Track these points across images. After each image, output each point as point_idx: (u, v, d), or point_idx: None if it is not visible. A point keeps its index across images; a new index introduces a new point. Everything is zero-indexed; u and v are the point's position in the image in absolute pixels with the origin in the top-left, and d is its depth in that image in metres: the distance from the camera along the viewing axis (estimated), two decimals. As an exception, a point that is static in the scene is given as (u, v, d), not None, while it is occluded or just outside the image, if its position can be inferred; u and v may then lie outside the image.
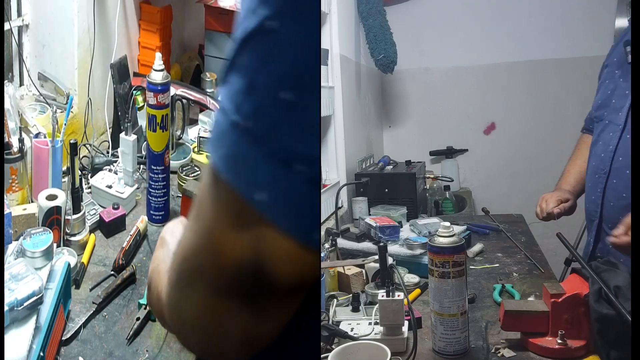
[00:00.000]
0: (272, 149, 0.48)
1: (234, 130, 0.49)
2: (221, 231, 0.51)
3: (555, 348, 1.19)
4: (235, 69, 0.51)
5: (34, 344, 1.05)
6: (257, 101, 0.48)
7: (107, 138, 1.91)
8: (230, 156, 0.50)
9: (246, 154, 0.49)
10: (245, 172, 0.49)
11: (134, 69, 2.12)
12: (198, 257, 0.54)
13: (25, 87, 1.88)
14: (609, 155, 1.52)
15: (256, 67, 0.49)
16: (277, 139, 0.48)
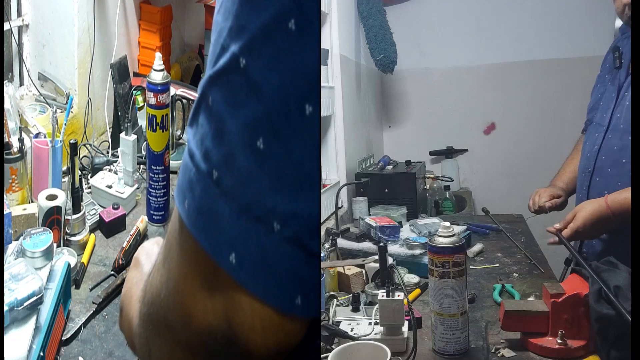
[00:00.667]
0: (243, 204, 0.43)
1: (202, 180, 0.44)
2: (190, 291, 0.46)
3: (555, 348, 1.19)
4: (203, 109, 0.45)
5: (34, 344, 1.05)
6: (227, 149, 0.43)
7: (107, 138, 1.91)
8: (197, 208, 0.45)
9: (215, 208, 0.44)
10: (214, 228, 0.44)
11: (134, 69, 2.12)
12: (165, 310, 0.49)
13: (25, 87, 1.88)
14: (593, 154, 1.59)
15: (226, 110, 0.43)
16: (249, 192, 0.43)
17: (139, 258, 0.73)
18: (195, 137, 0.46)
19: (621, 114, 1.53)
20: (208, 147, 0.44)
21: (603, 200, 1.45)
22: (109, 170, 1.74)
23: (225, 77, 0.44)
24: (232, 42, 0.43)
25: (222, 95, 0.44)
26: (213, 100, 0.44)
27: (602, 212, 1.45)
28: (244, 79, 0.43)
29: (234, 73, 0.43)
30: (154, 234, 1.60)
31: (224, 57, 0.44)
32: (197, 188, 0.45)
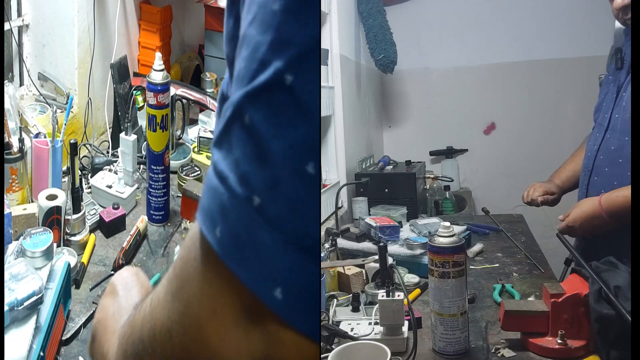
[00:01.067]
0: (291, 234, 0.39)
1: (239, 206, 0.40)
2: (219, 328, 0.42)
3: (555, 348, 1.19)
4: (237, 128, 0.41)
5: (34, 344, 1.05)
6: (271, 173, 0.39)
7: (107, 138, 1.91)
8: (234, 237, 0.40)
9: (256, 237, 0.39)
10: (255, 260, 0.40)
11: (134, 69, 2.12)
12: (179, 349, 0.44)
13: (25, 87, 1.88)
14: (593, 154, 1.62)
15: (269, 130, 0.39)
16: (298, 221, 0.39)
17: (116, 286, 0.69)
18: (227, 159, 0.42)
19: (619, 115, 1.55)
20: (246, 171, 0.40)
21: (597, 200, 1.50)
22: (109, 170, 1.74)
23: (267, 95, 0.40)
24: (274, 57, 0.39)
25: (263, 114, 0.40)
26: (252, 119, 0.40)
27: (595, 210, 1.50)
28: (290, 97, 0.39)
29: (278, 90, 0.39)
30: (154, 234, 1.60)
31: (264, 73, 0.40)
32: (232, 214, 0.40)
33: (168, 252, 1.54)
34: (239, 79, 0.42)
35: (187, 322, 0.43)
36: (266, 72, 0.40)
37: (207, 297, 0.42)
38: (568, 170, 1.89)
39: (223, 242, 0.41)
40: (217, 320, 0.42)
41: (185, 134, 2.01)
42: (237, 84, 0.42)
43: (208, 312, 0.42)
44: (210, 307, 0.42)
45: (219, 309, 0.42)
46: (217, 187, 0.42)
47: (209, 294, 0.42)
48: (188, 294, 0.44)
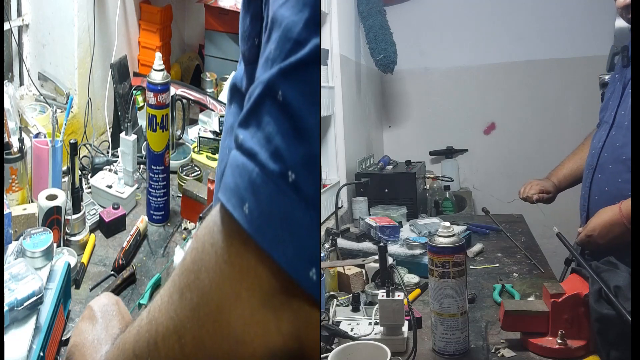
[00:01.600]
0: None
1: (272, 182, 0.38)
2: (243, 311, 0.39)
3: (555, 348, 1.19)
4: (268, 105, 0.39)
5: (34, 344, 1.05)
6: (308, 149, 0.38)
7: (107, 138, 1.91)
8: (267, 214, 0.38)
9: (291, 215, 0.38)
10: (290, 239, 0.38)
11: (134, 69, 2.12)
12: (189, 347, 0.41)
13: (25, 87, 1.88)
14: (597, 151, 1.61)
15: (305, 106, 0.38)
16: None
17: (95, 312, 0.67)
18: (255, 137, 0.40)
19: (625, 111, 1.55)
20: (280, 146, 0.38)
21: (617, 207, 1.46)
22: (109, 170, 1.74)
23: (304, 70, 0.38)
24: (312, 35, 0.39)
25: (299, 90, 0.38)
26: (285, 95, 0.39)
27: (615, 217, 1.45)
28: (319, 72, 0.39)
29: (314, 66, 0.38)
30: (154, 234, 1.60)
31: (301, 51, 0.39)
32: (265, 191, 0.38)
33: (168, 252, 1.54)
34: (268, 60, 0.41)
35: (204, 312, 0.41)
36: (303, 50, 0.39)
37: (229, 281, 0.40)
38: (566, 169, 1.90)
39: (253, 219, 0.39)
40: (242, 304, 0.39)
41: (185, 134, 2.01)
42: (266, 66, 0.41)
43: (231, 296, 0.40)
44: (233, 291, 0.40)
45: (244, 292, 0.39)
46: (245, 164, 0.40)
47: (232, 278, 0.40)
48: (203, 283, 0.41)
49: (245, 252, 0.39)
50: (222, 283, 0.40)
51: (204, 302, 0.41)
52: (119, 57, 1.94)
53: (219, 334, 0.40)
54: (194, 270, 0.42)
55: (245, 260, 0.39)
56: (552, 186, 1.89)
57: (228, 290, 0.40)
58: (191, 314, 0.42)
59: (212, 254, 0.41)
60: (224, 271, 0.40)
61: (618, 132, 1.56)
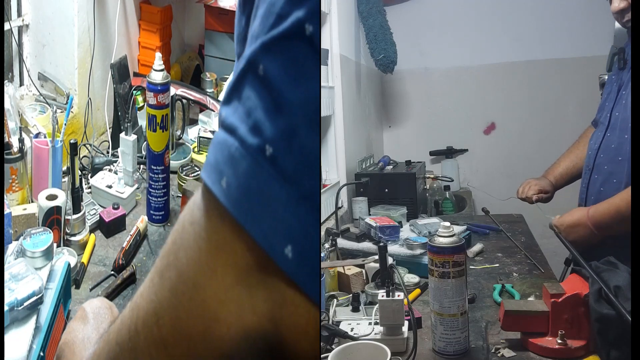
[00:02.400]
0: (305, 190, 0.37)
1: (250, 155, 0.38)
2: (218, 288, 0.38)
3: (555, 348, 1.19)
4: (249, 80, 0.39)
5: (34, 344, 1.05)
6: (286, 122, 0.37)
7: (107, 138, 1.91)
8: (243, 188, 0.38)
9: (267, 190, 0.37)
10: (266, 213, 0.37)
11: (134, 69, 2.12)
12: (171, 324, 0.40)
13: (25, 87, 1.88)
14: (594, 152, 1.64)
15: (285, 79, 0.37)
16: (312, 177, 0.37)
17: (87, 313, 0.67)
18: (236, 112, 0.39)
19: (619, 113, 1.57)
20: (259, 120, 0.38)
21: (586, 209, 1.52)
22: (109, 170, 1.74)
23: (285, 43, 0.38)
24: (293, 9, 0.38)
25: (280, 63, 0.38)
26: (266, 69, 0.38)
27: (582, 219, 1.52)
28: (309, 48, 0.37)
29: (297, 39, 0.37)
30: (154, 234, 1.60)
31: (282, 24, 0.38)
32: (242, 164, 0.38)
33: (168, 252, 1.53)
34: (253, 37, 0.40)
35: (181, 291, 0.40)
36: (285, 23, 0.38)
37: (205, 256, 0.39)
38: (562, 167, 1.92)
39: (230, 192, 0.38)
40: (217, 281, 0.39)
41: (185, 134, 2.01)
42: (251, 42, 0.40)
43: (207, 273, 0.39)
44: (209, 267, 0.39)
45: (220, 268, 0.39)
46: (225, 139, 0.39)
47: (208, 252, 0.39)
48: (181, 262, 0.41)
49: (222, 226, 0.39)
50: (199, 259, 0.39)
51: (182, 281, 0.40)
52: (119, 57, 1.94)
53: (194, 312, 0.39)
54: (173, 251, 0.42)
55: (222, 235, 0.39)
56: (549, 185, 1.91)
57: (204, 266, 0.39)
58: (169, 294, 0.41)
59: (191, 233, 0.41)
60: (201, 247, 0.39)
61: (613, 134, 1.58)
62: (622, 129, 1.53)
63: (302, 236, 0.37)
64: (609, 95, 1.67)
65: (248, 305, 0.38)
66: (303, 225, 0.37)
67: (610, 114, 1.60)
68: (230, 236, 0.38)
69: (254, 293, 0.38)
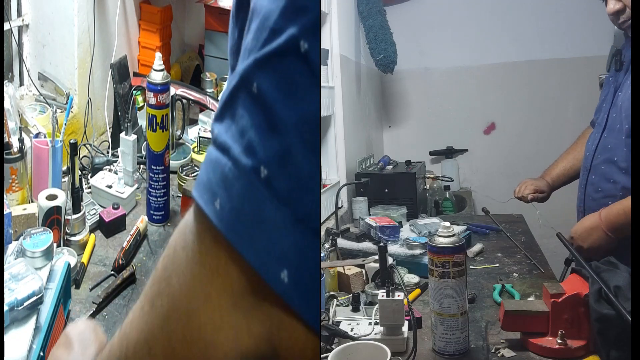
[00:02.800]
0: (300, 212, 0.36)
1: (244, 176, 0.37)
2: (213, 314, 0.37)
3: (555, 348, 1.19)
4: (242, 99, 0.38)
5: (34, 344, 1.05)
6: (281, 144, 0.36)
7: (107, 138, 1.91)
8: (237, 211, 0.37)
9: (262, 212, 0.36)
10: (261, 237, 0.36)
11: (134, 69, 2.12)
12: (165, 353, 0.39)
13: (25, 87, 1.88)
14: (591, 153, 1.65)
15: (279, 98, 0.36)
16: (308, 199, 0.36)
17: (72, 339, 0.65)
18: (229, 131, 0.38)
19: (616, 114, 1.58)
20: (253, 140, 0.37)
21: (598, 214, 1.50)
22: (109, 170, 1.74)
23: (278, 61, 0.37)
24: (288, 24, 0.36)
25: (274, 81, 0.37)
26: (260, 87, 0.37)
27: (594, 225, 1.50)
28: (304, 65, 0.36)
29: (292, 57, 0.36)
30: (154, 234, 1.60)
31: (276, 40, 0.37)
32: (236, 186, 0.37)
33: (168, 252, 1.54)
34: (246, 51, 0.39)
35: (174, 318, 0.38)
36: (279, 39, 0.37)
37: (199, 282, 0.38)
38: (559, 168, 1.95)
39: (224, 215, 0.37)
40: (212, 306, 0.37)
41: (185, 134, 2.01)
42: (244, 57, 0.39)
43: (201, 298, 0.38)
44: (203, 292, 0.38)
45: (214, 292, 0.37)
46: (218, 159, 0.38)
47: (202, 278, 0.38)
48: (174, 288, 0.39)
49: (215, 250, 0.37)
50: (192, 285, 0.38)
51: (174, 308, 0.39)
52: (119, 57, 1.94)
53: (189, 339, 0.38)
54: (164, 278, 0.40)
55: (216, 259, 0.37)
56: (546, 185, 1.94)
57: (198, 292, 0.38)
58: (161, 322, 0.40)
59: (183, 257, 0.39)
60: (194, 272, 0.38)
61: (610, 135, 1.59)
62: (619, 130, 1.54)
63: (298, 260, 0.36)
64: (606, 96, 1.68)
65: (245, 329, 0.37)
66: (299, 249, 0.36)
67: (608, 115, 1.61)
68: (224, 260, 0.37)
69: (250, 316, 0.37)
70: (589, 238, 1.53)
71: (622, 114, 1.53)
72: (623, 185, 1.52)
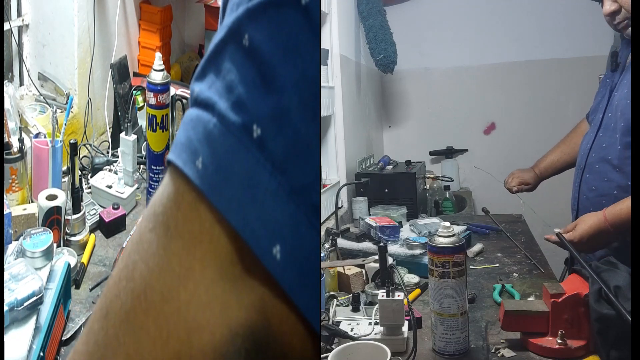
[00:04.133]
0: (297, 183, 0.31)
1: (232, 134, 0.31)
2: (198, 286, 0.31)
3: (555, 348, 1.19)
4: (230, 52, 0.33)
5: (34, 344, 1.05)
6: (278, 100, 0.31)
7: (107, 138, 1.91)
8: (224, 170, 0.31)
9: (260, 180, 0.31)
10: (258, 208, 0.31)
11: (134, 69, 2.12)
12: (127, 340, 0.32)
13: (25, 87, 1.88)
14: (586, 152, 1.66)
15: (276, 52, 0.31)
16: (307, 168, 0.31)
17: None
18: (213, 86, 0.33)
19: (611, 113, 1.59)
20: (243, 95, 0.31)
21: (602, 214, 1.47)
22: (109, 170, 1.74)
23: (276, 10, 0.31)
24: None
25: (269, 33, 0.31)
26: (252, 39, 0.32)
27: (601, 225, 1.47)
28: (305, 19, 0.31)
29: (289, 8, 0.31)
30: (154, 234, 1.59)
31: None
32: (223, 144, 0.31)
33: (168, 252, 1.54)
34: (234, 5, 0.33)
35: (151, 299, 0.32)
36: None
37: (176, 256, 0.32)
38: (547, 161, 2.04)
39: (207, 174, 0.31)
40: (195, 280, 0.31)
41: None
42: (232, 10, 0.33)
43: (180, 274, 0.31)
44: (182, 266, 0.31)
45: (197, 263, 0.31)
46: (200, 116, 0.32)
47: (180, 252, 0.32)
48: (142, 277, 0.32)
49: (196, 214, 0.31)
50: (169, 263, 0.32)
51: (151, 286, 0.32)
52: (119, 57, 1.94)
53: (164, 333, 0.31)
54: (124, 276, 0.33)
55: (197, 225, 0.31)
56: (532, 177, 2.04)
57: (176, 268, 0.31)
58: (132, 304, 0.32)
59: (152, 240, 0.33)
60: (170, 249, 0.32)
61: (604, 134, 1.60)
62: (613, 129, 1.56)
63: (293, 237, 0.31)
64: (602, 97, 1.69)
65: (234, 298, 0.31)
66: (295, 224, 0.31)
67: (603, 115, 1.62)
68: (208, 224, 0.31)
69: (239, 284, 0.31)
70: (595, 241, 1.49)
71: (617, 113, 1.54)
72: (618, 184, 1.52)
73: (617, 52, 1.67)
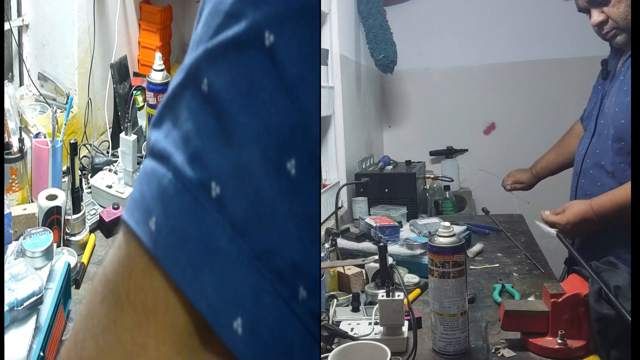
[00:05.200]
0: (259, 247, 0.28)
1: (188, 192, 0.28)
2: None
3: (555, 348, 1.19)
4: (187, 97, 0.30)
5: (34, 344, 1.05)
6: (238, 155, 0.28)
7: (107, 138, 1.91)
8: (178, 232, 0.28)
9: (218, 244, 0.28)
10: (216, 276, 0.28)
11: (134, 69, 2.12)
12: None
13: (25, 87, 1.88)
14: (581, 158, 1.70)
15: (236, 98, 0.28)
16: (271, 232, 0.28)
17: None
18: (170, 135, 0.30)
19: (604, 120, 1.63)
20: (199, 147, 0.28)
21: (589, 203, 1.55)
22: (109, 170, 1.74)
23: (237, 53, 0.28)
24: (249, 8, 0.28)
25: (229, 78, 0.28)
26: (211, 84, 0.29)
27: (587, 213, 1.54)
28: (269, 63, 0.28)
29: (252, 50, 0.28)
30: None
31: (233, 27, 0.29)
32: (178, 202, 0.28)
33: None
34: (194, 43, 0.31)
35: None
36: (236, 26, 0.29)
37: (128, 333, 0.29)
38: (543, 161, 2.10)
39: (160, 237, 0.29)
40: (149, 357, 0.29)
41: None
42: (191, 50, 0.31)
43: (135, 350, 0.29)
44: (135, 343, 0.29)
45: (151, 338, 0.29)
46: (155, 169, 0.30)
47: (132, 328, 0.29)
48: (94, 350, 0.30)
49: (149, 283, 0.29)
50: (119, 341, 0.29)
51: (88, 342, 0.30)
52: (119, 57, 1.94)
53: None
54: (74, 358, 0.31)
55: (151, 294, 0.29)
56: (528, 177, 2.11)
57: (128, 346, 0.29)
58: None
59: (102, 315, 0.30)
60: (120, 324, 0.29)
61: (598, 140, 1.64)
62: (606, 136, 1.60)
63: (255, 308, 0.28)
64: (595, 104, 1.73)
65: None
66: (257, 293, 0.28)
67: (596, 122, 1.66)
68: (162, 293, 0.28)
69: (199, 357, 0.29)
70: (580, 227, 1.56)
71: (609, 120, 1.59)
72: (610, 189, 1.57)
73: (607, 60, 1.72)
